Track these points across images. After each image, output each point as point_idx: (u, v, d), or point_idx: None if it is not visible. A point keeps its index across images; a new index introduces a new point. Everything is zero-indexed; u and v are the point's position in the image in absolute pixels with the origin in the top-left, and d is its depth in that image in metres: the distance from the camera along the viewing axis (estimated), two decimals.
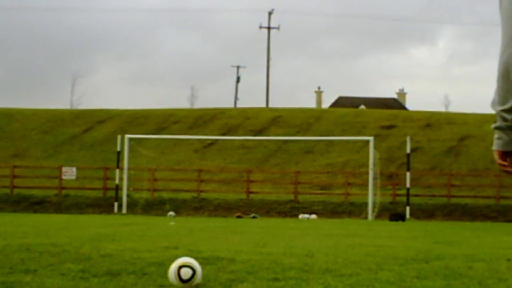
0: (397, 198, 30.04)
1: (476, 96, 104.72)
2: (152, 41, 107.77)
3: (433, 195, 30.87)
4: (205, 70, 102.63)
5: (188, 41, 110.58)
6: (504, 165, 3.30)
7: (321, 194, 31.72)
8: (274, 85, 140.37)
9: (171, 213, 27.36)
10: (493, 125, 3.33)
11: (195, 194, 31.44)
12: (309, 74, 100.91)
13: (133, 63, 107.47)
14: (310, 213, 27.52)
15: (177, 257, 7.58)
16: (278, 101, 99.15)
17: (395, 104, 69.72)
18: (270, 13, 65.25)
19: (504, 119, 3.24)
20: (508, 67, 3.16)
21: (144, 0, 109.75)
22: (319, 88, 71.80)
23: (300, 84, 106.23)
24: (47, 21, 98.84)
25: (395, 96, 73.92)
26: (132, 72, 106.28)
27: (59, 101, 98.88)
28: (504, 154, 3.28)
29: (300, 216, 27.17)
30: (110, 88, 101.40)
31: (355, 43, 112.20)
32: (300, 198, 30.87)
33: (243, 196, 31.37)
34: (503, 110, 3.23)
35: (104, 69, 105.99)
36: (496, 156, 3.34)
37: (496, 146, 3.30)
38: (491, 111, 3.26)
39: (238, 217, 27.06)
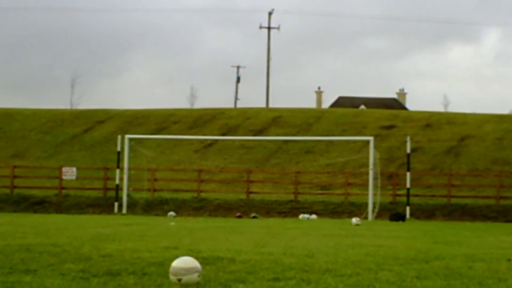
0: (397, 198, 30.02)
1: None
2: (161, 42, 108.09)
3: (433, 195, 30.86)
4: (205, 70, 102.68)
5: (189, 42, 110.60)
6: None
7: (321, 194, 31.71)
8: (274, 85, 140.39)
9: (171, 213, 27.34)
10: None
11: (195, 194, 31.42)
12: (310, 74, 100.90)
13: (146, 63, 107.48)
14: (310, 213, 27.51)
15: (177, 257, 7.59)
16: (279, 101, 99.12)
17: (395, 104, 69.69)
18: (270, 13, 65.23)
19: None
20: None
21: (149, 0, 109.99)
22: (319, 88, 71.79)
23: (300, 84, 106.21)
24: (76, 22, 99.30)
25: (395, 96, 73.87)
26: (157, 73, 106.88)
27: (92, 101, 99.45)
28: None
29: (300, 216, 27.15)
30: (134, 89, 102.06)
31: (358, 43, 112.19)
32: (300, 198, 30.86)
33: (243, 196, 31.36)
34: None
35: (132, 69, 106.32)
36: None
37: None
38: (491, 111, 3.29)
39: (238, 217, 27.05)
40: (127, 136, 29.41)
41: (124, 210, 28.01)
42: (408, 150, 28.31)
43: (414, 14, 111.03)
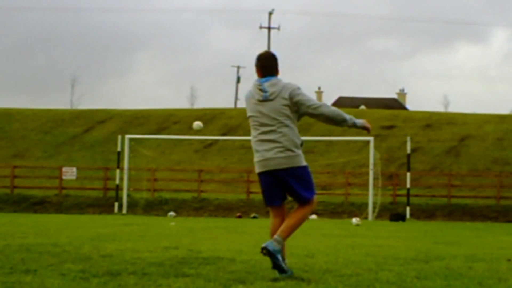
0: (397, 199, 30.01)
1: None
2: (165, 41, 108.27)
3: (433, 196, 30.84)
4: (205, 70, 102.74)
5: (190, 42, 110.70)
6: None
7: (321, 194, 31.67)
8: None
9: (172, 213, 27.34)
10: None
11: (195, 194, 31.42)
12: (310, 74, 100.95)
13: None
14: (311, 213, 27.52)
15: (177, 257, 7.60)
16: None
17: (395, 104, 69.71)
18: (270, 13, 65.18)
19: None
20: None
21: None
22: (319, 88, 71.83)
23: (301, 84, 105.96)
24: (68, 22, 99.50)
25: (395, 96, 73.89)
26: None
27: (94, 101, 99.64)
28: None
29: None
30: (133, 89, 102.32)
31: (355, 43, 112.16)
32: None
33: (243, 196, 31.35)
34: None
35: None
36: None
37: None
38: (491, 111, 3.30)
39: (238, 217, 27.05)
40: (127, 136, 29.39)
41: (124, 210, 28.00)
42: (408, 150, 28.31)
43: (422, 14, 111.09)
